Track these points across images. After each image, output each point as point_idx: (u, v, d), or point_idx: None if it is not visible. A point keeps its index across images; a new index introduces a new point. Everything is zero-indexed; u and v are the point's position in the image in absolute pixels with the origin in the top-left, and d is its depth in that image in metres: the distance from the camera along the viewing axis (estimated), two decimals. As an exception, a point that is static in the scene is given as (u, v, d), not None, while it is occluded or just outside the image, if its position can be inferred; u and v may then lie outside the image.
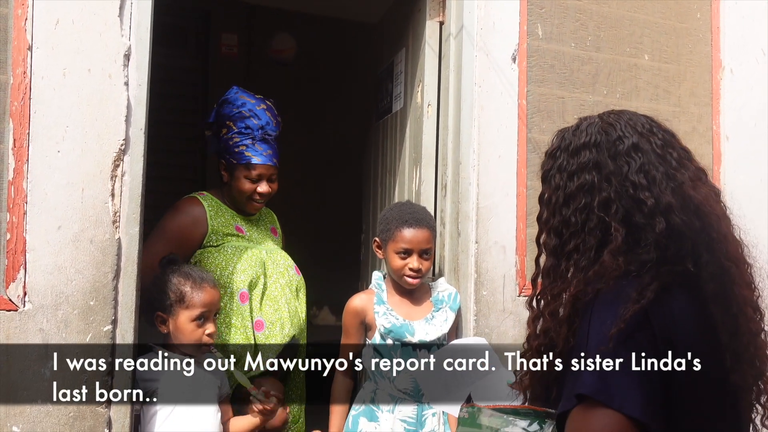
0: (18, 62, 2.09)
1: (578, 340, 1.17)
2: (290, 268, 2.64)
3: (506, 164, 2.75)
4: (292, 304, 2.59)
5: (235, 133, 2.57)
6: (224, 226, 2.55)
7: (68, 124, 2.14)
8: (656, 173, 1.25)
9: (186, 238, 2.49)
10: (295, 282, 2.63)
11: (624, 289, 1.16)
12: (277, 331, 2.51)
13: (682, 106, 3.20)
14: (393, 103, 3.26)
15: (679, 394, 1.13)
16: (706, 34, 3.28)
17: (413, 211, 2.46)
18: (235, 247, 2.52)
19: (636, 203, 1.23)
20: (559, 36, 2.92)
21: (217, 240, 2.52)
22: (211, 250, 2.51)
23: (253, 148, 2.55)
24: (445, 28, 2.84)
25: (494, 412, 1.32)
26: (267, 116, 2.60)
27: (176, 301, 2.21)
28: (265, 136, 2.57)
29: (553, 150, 1.38)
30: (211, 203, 2.58)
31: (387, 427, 2.31)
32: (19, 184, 2.08)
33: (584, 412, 1.09)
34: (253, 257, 2.52)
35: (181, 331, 2.21)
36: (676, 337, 1.14)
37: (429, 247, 2.43)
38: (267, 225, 2.76)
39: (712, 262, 1.22)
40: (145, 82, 2.24)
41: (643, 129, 1.30)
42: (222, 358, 2.34)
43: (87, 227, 2.14)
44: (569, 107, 2.92)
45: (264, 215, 2.78)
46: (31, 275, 2.07)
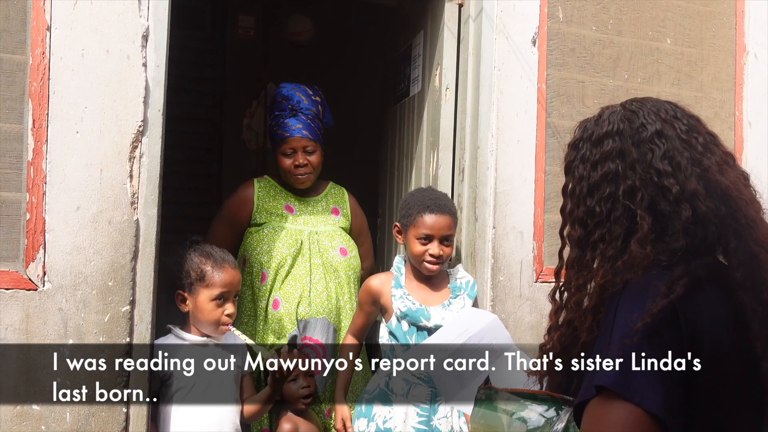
0: (37, 43, 2.09)
1: (602, 331, 1.15)
2: (332, 250, 2.67)
3: (525, 149, 2.73)
4: (320, 285, 2.61)
5: (272, 117, 2.72)
6: (272, 206, 2.67)
7: (87, 105, 2.14)
8: (681, 159, 1.22)
9: (235, 216, 2.66)
10: (335, 263, 2.65)
11: (653, 281, 1.14)
12: (293, 309, 2.55)
13: (704, 91, 3.15)
14: (411, 87, 3.23)
15: (701, 393, 1.11)
16: (730, 18, 3.23)
17: (435, 197, 2.45)
18: (273, 228, 2.62)
19: (661, 190, 1.21)
20: (580, 19, 2.88)
21: (262, 218, 2.65)
22: (252, 230, 2.64)
23: (283, 125, 2.66)
24: (465, 10, 2.81)
25: (511, 395, 1.32)
26: (297, 96, 2.69)
27: (197, 279, 2.22)
28: (295, 112, 2.66)
29: (576, 141, 1.36)
30: (265, 185, 2.73)
31: (401, 412, 2.31)
32: (39, 165, 2.09)
33: (603, 404, 1.08)
34: (287, 237, 2.60)
35: (200, 311, 2.22)
36: (702, 335, 1.12)
37: (450, 233, 2.42)
38: (329, 205, 2.80)
39: (740, 248, 1.20)
40: (163, 64, 2.24)
41: (666, 115, 1.28)
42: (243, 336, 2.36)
43: (105, 208, 2.15)
44: (589, 92, 2.88)
45: (331, 195, 2.84)
46: (50, 255, 2.09)
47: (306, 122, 2.67)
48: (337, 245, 2.69)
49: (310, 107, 2.70)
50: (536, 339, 2.67)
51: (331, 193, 2.85)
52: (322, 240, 2.67)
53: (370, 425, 2.34)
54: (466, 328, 1.92)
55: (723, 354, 1.14)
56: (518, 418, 1.28)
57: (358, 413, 2.40)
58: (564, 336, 1.27)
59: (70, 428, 2.10)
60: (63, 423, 2.09)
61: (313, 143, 2.68)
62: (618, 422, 1.05)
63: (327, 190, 2.85)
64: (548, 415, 1.25)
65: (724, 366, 1.14)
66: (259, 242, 2.60)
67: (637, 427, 1.04)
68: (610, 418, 1.06)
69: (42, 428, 2.07)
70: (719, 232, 1.20)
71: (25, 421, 2.06)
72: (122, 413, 2.16)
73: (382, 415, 2.33)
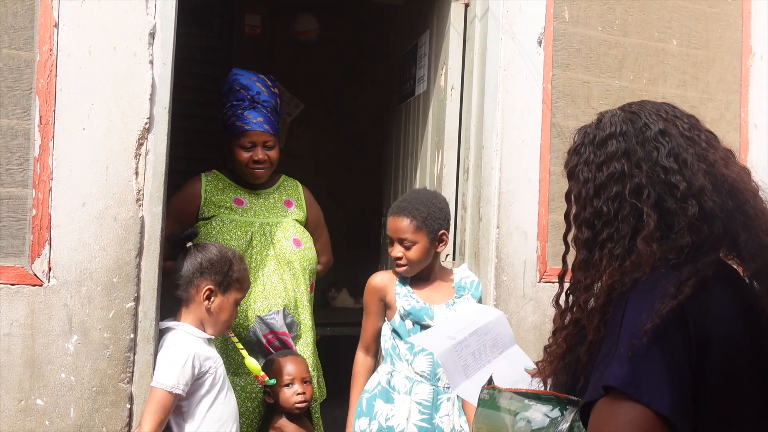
0: (44, 39, 2.10)
1: (610, 331, 1.15)
2: (285, 240, 2.60)
3: (530, 149, 2.73)
4: (274, 277, 2.55)
5: (228, 107, 2.61)
6: (220, 199, 2.59)
7: (93, 102, 2.15)
8: (687, 155, 1.23)
9: (181, 212, 2.54)
10: (288, 254, 2.58)
11: (661, 281, 1.14)
12: (248, 305, 2.48)
13: (710, 92, 3.14)
14: (416, 86, 3.24)
15: (709, 393, 1.11)
16: (736, 20, 3.22)
17: (404, 200, 2.43)
18: (221, 220, 2.54)
19: (668, 188, 1.22)
20: (585, 19, 2.88)
21: (209, 212, 2.56)
22: (200, 224, 2.55)
23: (242, 117, 2.58)
24: (471, 10, 2.81)
25: (515, 395, 1.32)
26: (257, 86, 2.61)
27: (235, 281, 2.22)
28: (255, 104, 2.58)
29: (577, 146, 1.36)
30: (213, 179, 2.65)
31: (403, 410, 2.31)
32: (45, 161, 2.10)
33: (611, 404, 1.08)
34: (236, 229, 2.54)
35: (225, 311, 2.22)
36: (711, 335, 1.12)
37: (405, 237, 2.36)
38: (281, 197, 2.73)
39: (751, 239, 1.20)
40: (170, 61, 2.25)
41: (667, 115, 1.30)
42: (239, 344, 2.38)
43: (111, 205, 2.16)
44: (595, 92, 2.88)
45: (283, 188, 2.77)
46: (55, 251, 2.10)
47: (266, 116, 2.60)
48: (290, 236, 2.62)
49: (269, 99, 2.62)
50: (539, 339, 2.67)
51: (284, 186, 2.78)
52: (274, 231, 2.60)
53: (372, 423, 2.34)
54: (472, 321, 1.92)
55: (731, 353, 1.14)
56: (522, 419, 1.28)
57: (359, 412, 2.39)
58: (570, 335, 1.27)
59: (74, 423, 2.11)
60: (67, 418, 2.10)
61: (273, 138, 2.61)
62: (627, 423, 1.05)
63: (279, 182, 2.77)
64: (553, 415, 1.25)
65: (731, 365, 1.14)
66: (207, 235, 2.50)
67: (646, 428, 1.04)
68: (619, 418, 1.06)
69: (46, 423, 2.08)
70: (725, 226, 1.20)
71: (29, 416, 2.07)
72: (126, 409, 2.17)
73: (384, 413, 2.33)
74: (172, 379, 2.04)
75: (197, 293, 2.18)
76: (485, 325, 1.85)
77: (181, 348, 2.11)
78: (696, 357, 1.10)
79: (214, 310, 2.19)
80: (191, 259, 2.21)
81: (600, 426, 1.08)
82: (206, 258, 2.21)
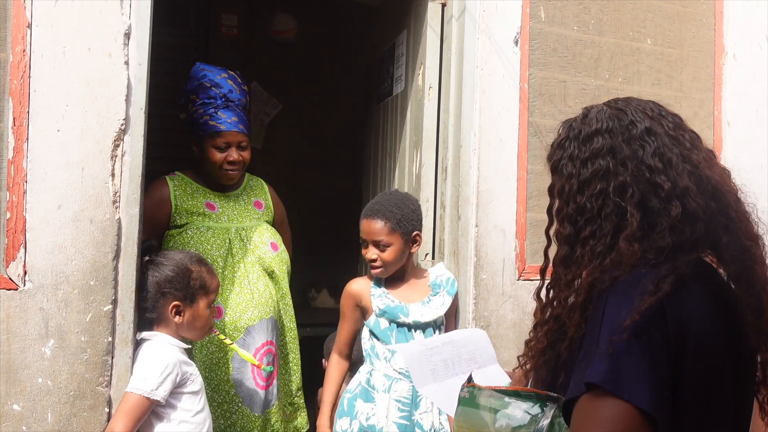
0: (17, 40, 2.07)
1: (591, 328, 1.16)
2: (263, 245, 2.57)
3: (507, 148, 2.75)
4: (260, 284, 2.52)
5: (199, 105, 2.55)
6: (191, 205, 2.53)
7: (68, 103, 2.13)
8: (672, 155, 1.24)
9: (152, 220, 2.42)
10: (268, 259, 2.56)
11: (641, 279, 1.15)
12: (238, 316, 2.45)
13: (684, 91, 3.19)
14: (394, 86, 3.24)
15: (687, 388, 1.13)
16: (709, 19, 3.27)
17: (376, 202, 2.44)
18: (196, 228, 2.48)
19: (652, 187, 1.22)
20: (561, 19, 2.90)
21: (182, 219, 2.50)
22: (174, 233, 2.48)
23: (216, 116, 2.52)
24: (448, 9, 2.82)
25: (494, 392, 1.32)
26: (229, 84, 2.56)
27: (199, 288, 2.18)
28: (228, 103, 2.53)
29: (562, 140, 1.36)
30: (180, 182, 2.57)
31: (383, 408, 2.32)
32: (19, 163, 2.07)
33: (592, 401, 1.09)
34: (214, 237, 2.49)
35: (199, 319, 2.19)
36: (688, 331, 1.13)
37: (380, 239, 2.37)
38: (250, 198, 2.69)
39: (732, 242, 1.21)
40: (146, 61, 2.23)
41: (653, 113, 1.30)
42: (227, 340, 2.36)
43: (87, 207, 2.14)
44: (571, 91, 2.91)
45: (250, 188, 2.73)
46: (31, 254, 2.07)
47: (240, 115, 2.55)
48: (267, 240, 2.59)
49: (240, 98, 2.58)
50: (518, 336, 2.69)
51: (250, 186, 2.73)
52: (251, 236, 2.55)
53: (353, 423, 2.35)
54: (452, 336, 1.93)
55: (708, 349, 1.16)
56: (503, 416, 1.28)
57: (340, 412, 2.40)
58: (551, 331, 1.28)
59: (52, 428, 2.08)
60: (44, 423, 2.08)
61: (246, 138, 2.57)
62: (608, 419, 1.06)
63: (245, 182, 2.73)
64: (533, 412, 1.26)
65: (709, 361, 1.16)
66: (184, 246, 2.43)
67: (628, 423, 1.05)
68: (600, 414, 1.07)
69: (23, 428, 2.05)
70: (707, 228, 1.21)
71: (6, 421, 2.04)
72: (104, 413, 2.14)
73: (364, 413, 2.34)
74: (150, 384, 2.01)
75: (165, 311, 2.16)
76: (463, 338, 1.86)
77: (162, 355, 2.08)
78: (675, 352, 1.11)
79: (187, 322, 2.17)
80: (150, 280, 2.17)
81: (582, 422, 1.09)
82: (162, 277, 2.16)
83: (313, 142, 4.95)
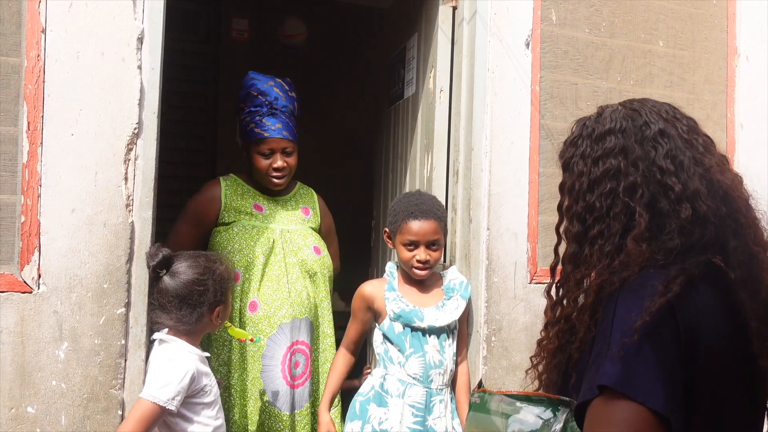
0: (32, 45, 2.09)
1: (601, 330, 1.16)
2: (306, 248, 2.61)
3: (518, 151, 2.74)
4: (298, 284, 2.55)
5: (246, 113, 2.61)
6: (240, 205, 2.59)
7: (82, 108, 2.14)
8: (684, 158, 1.23)
9: (202, 215, 2.55)
10: (309, 261, 2.60)
11: (650, 280, 1.15)
12: (272, 312, 2.48)
13: (696, 93, 3.17)
14: (405, 89, 3.24)
15: (699, 388, 1.12)
16: (722, 21, 3.25)
17: (420, 202, 2.44)
18: (243, 226, 2.54)
19: (663, 189, 1.22)
20: (573, 21, 2.90)
21: (230, 217, 2.56)
22: (221, 229, 2.55)
23: (261, 124, 2.57)
24: (459, 13, 2.82)
25: (505, 397, 1.31)
26: (275, 92, 2.60)
27: (228, 287, 2.18)
28: (274, 110, 2.58)
29: (575, 138, 1.36)
30: (232, 183, 2.64)
31: (396, 413, 2.32)
32: (33, 167, 2.09)
33: (606, 404, 1.08)
34: (258, 237, 2.53)
35: (228, 309, 2.19)
36: (699, 331, 1.13)
37: (436, 238, 2.40)
38: (298, 204, 2.75)
39: (740, 248, 1.21)
40: (158, 66, 2.24)
41: (667, 115, 1.29)
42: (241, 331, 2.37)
43: (100, 210, 2.15)
44: (582, 94, 2.90)
45: (300, 195, 2.79)
46: (45, 258, 2.09)
47: (285, 122, 2.59)
48: (311, 243, 2.63)
49: (287, 105, 2.62)
50: (530, 339, 2.68)
51: (300, 193, 2.79)
52: (295, 239, 2.60)
53: (365, 427, 2.34)
54: None
55: (719, 349, 1.15)
56: (515, 421, 1.28)
57: (352, 415, 2.40)
58: (561, 331, 1.28)
59: (65, 431, 2.10)
60: (58, 426, 2.09)
61: (291, 144, 2.61)
62: (622, 421, 1.05)
63: (296, 189, 2.78)
64: (545, 417, 1.25)
65: (720, 361, 1.15)
66: (229, 241, 2.49)
67: (642, 426, 1.05)
68: (614, 417, 1.06)
69: (37, 431, 2.07)
70: (717, 232, 1.21)
71: (20, 424, 2.06)
72: (117, 416, 2.15)
73: (377, 417, 2.33)
74: (167, 394, 1.93)
75: (205, 319, 2.10)
76: None
77: (182, 364, 2.00)
78: (686, 353, 1.11)
79: (222, 319, 2.16)
80: (195, 299, 2.07)
81: (596, 426, 1.09)
82: (209, 289, 2.08)
83: (323, 145, 4.96)
